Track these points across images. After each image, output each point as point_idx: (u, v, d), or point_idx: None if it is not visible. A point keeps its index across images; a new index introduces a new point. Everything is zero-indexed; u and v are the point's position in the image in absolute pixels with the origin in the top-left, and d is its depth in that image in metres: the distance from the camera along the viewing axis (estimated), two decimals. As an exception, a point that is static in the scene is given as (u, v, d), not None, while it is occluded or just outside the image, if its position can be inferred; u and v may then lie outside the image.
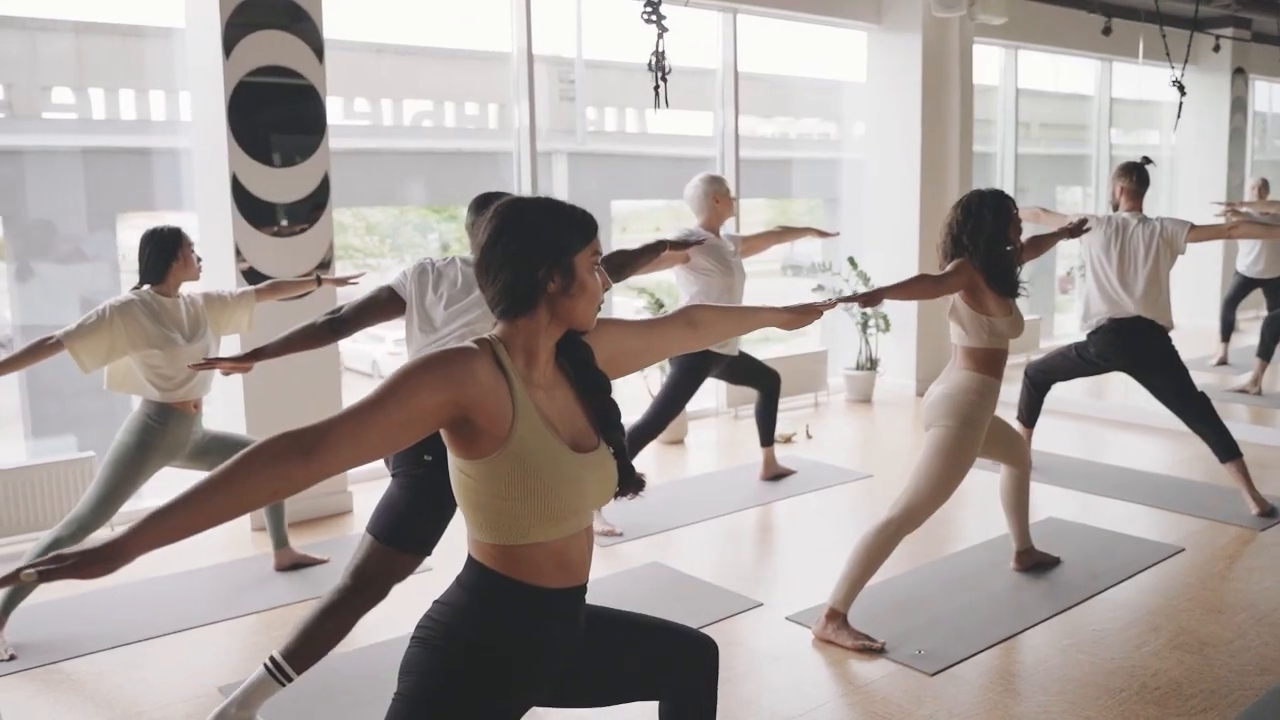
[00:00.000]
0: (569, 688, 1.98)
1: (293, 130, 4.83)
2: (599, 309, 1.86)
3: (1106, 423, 6.86)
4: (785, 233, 5.33)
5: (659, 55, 3.24)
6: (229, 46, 4.59)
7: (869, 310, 3.35)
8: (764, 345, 7.69)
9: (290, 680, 2.81)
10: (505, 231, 1.78)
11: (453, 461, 1.77)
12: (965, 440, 3.56)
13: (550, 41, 7.44)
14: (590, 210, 1.86)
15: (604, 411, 1.88)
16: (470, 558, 1.82)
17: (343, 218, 6.92)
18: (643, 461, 5.86)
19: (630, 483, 1.92)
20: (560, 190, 8.66)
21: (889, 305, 7.11)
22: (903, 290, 3.54)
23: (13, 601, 3.57)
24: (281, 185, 4.81)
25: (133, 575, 4.28)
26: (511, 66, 6.35)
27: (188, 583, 4.21)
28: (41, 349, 3.50)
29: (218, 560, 4.48)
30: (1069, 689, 3.20)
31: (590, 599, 1.95)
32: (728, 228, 5.39)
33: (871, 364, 7.36)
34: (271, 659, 2.81)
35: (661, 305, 6.47)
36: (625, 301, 7.47)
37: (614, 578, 4.18)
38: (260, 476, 1.54)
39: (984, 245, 3.56)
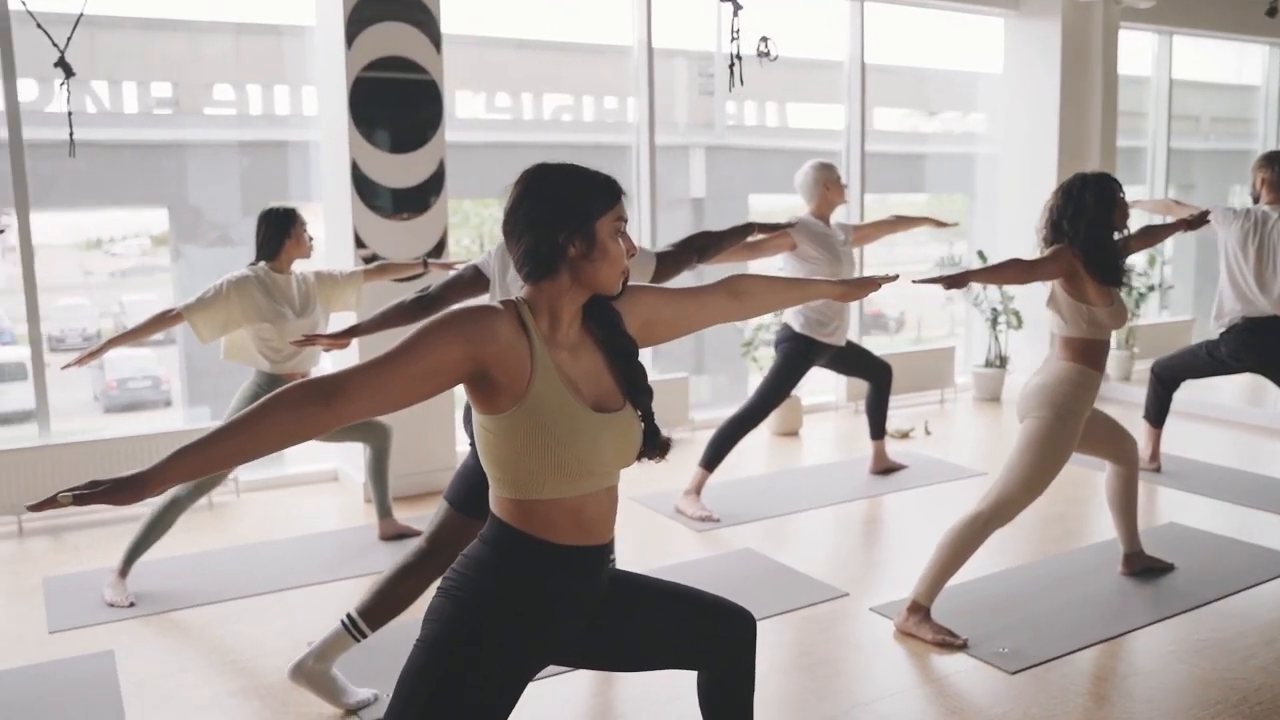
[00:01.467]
0: (594, 649, 2.00)
1: (410, 119, 5.02)
2: (624, 275, 1.88)
3: (1258, 430, 6.44)
4: (899, 222, 5.20)
5: (734, 34, 3.23)
6: (351, 39, 4.80)
7: (956, 291, 3.25)
8: (889, 341, 7.55)
9: (364, 637, 2.93)
10: (528, 196, 1.83)
11: (475, 418, 1.82)
12: (1060, 432, 3.42)
13: (689, 36, 7.49)
14: (729, 204, 1.87)
15: (630, 374, 1.90)
16: (491, 513, 1.87)
17: (497, 211, 7.14)
18: (752, 451, 5.86)
19: (654, 446, 1.94)
20: (697, 184, 8.70)
21: (1021, 302, 6.87)
22: (992, 274, 3.43)
23: (135, 554, 3.84)
24: (398, 172, 5.00)
25: (247, 538, 4.56)
26: (632, 60, 6.40)
27: (298, 547, 4.43)
28: (164, 319, 3.76)
29: (330, 528, 4.71)
30: (1159, 697, 3.05)
31: (685, 579, 1.97)
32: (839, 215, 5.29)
33: (1001, 362, 7.12)
34: (348, 616, 2.94)
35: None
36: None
37: (704, 561, 4.20)
38: (281, 418, 1.62)
39: (1084, 230, 3.42)
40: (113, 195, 7.20)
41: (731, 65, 3.26)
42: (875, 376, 5.23)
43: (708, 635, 2.08)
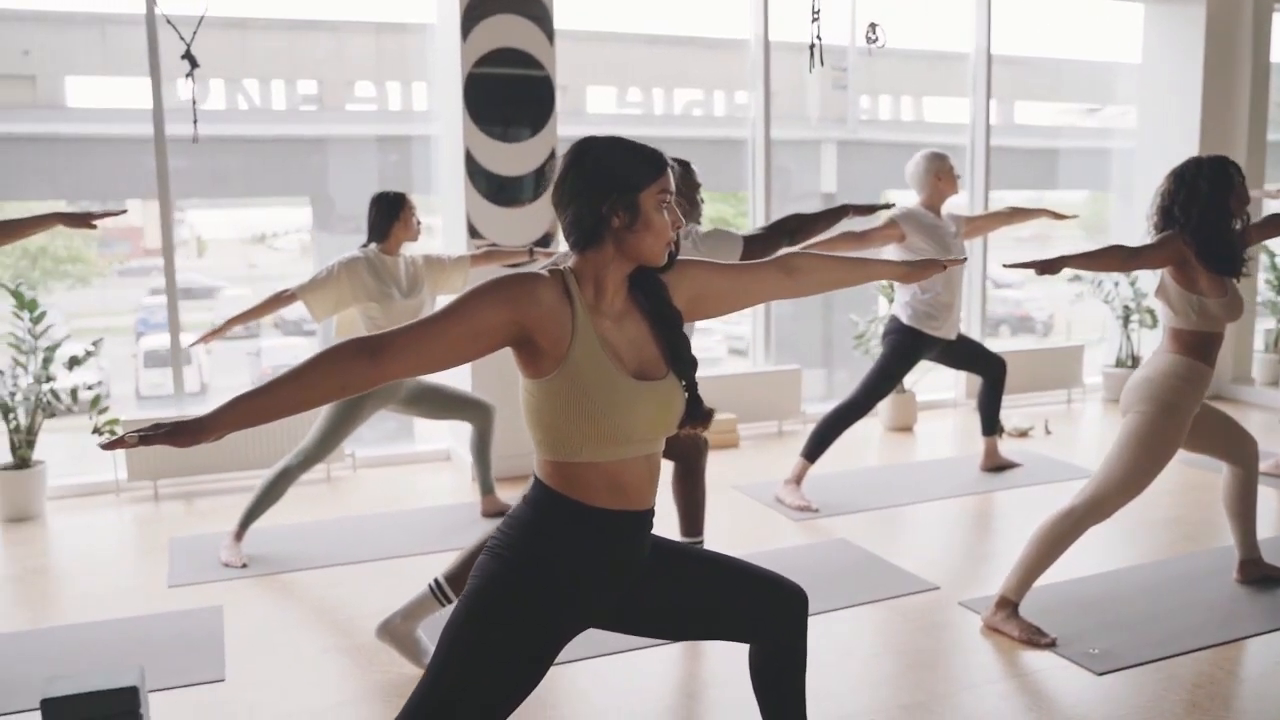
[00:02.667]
0: (637, 616, 2.03)
1: (523, 109, 5.14)
2: (669, 246, 1.91)
3: None
4: (1015, 214, 5.06)
5: (814, 14, 3.20)
6: (466, 33, 4.96)
7: (1049, 276, 3.12)
8: (1014, 339, 7.32)
9: (450, 601, 3.04)
10: (574, 168, 1.88)
11: (521, 382, 1.88)
12: (1163, 428, 3.28)
13: (824, 29, 7.40)
14: (860, 199, 1.89)
15: (673, 344, 1.93)
16: (535, 475, 1.93)
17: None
18: (863, 444, 5.79)
19: (697, 415, 1.96)
20: (828, 179, 8.63)
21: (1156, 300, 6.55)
22: (1091, 260, 3.31)
23: (249, 519, 4.06)
24: (509, 161, 5.14)
25: (358, 510, 4.76)
26: (750, 54, 6.40)
27: (405, 520, 4.61)
28: (279, 299, 3.97)
29: (438, 503, 4.88)
30: (1255, 707, 2.90)
31: (770, 566, 2.01)
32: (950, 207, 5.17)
33: (1134, 361, 6.83)
34: (436, 581, 3.06)
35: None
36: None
37: (795, 550, 4.18)
38: (330, 372, 1.71)
39: (1196, 217, 3.28)
40: (261, 188, 7.62)
41: (812, 47, 3.24)
42: (988, 371, 5.09)
43: (755, 608, 2.09)
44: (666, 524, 3.96)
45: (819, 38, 3.13)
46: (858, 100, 8.86)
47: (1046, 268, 3.17)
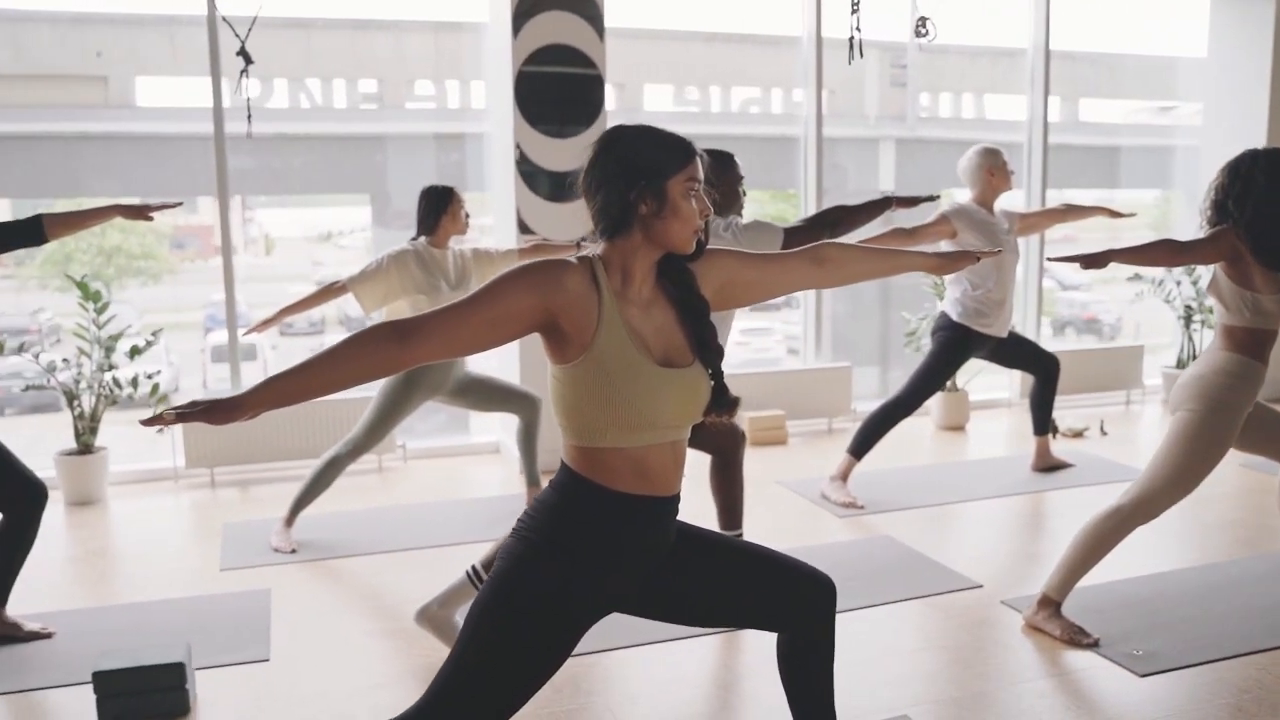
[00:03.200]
0: (661, 601, 2.05)
1: (573, 104, 5.18)
2: (696, 234, 1.92)
3: None
4: (1070, 211, 4.98)
5: (854, 6, 3.19)
6: (517, 29, 5.01)
7: (1094, 271, 3.05)
8: (1071, 339, 7.20)
9: (486, 588, 3.08)
10: (602, 156, 1.90)
11: (549, 369, 1.91)
12: (1213, 427, 3.21)
13: (881, 27, 7.38)
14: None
15: (700, 333, 1.95)
16: (562, 460, 1.95)
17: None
18: (913, 443, 5.74)
19: (722, 403, 1.97)
20: (887, 177, 8.57)
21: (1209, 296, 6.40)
22: (1138, 254, 3.25)
23: (299, 506, 4.15)
24: (561, 156, 5.18)
25: (407, 500, 4.83)
26: (802, 51, 6.37)
27: (453, 510, 4.68)
28: (331, 291, 4.05)
29: (485, 495, 4.94)
30: (1304, 710, 2.83)
31: (811, 561, 2.03)
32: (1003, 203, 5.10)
33: (1195, 364, 6.67)
34: (473, 568, 3.11)
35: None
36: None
37: (839, 545, 4.17)
38: (360, 354, 1.75)
39: (1251, 211, 3.20)
40: (323, 186, 7.77)
41: (851, 39, 3.22)
42: (1040, 370, 5.02)
43: (782, 597, 2.09)
44: (706, 517, 3.98)
45: (858, 29, 3.11)
46: (917, 98, 8.78)
47: (1092, 262, 3.13)
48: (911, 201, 3.77)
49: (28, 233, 3.15)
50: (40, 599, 3.62)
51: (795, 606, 2.11)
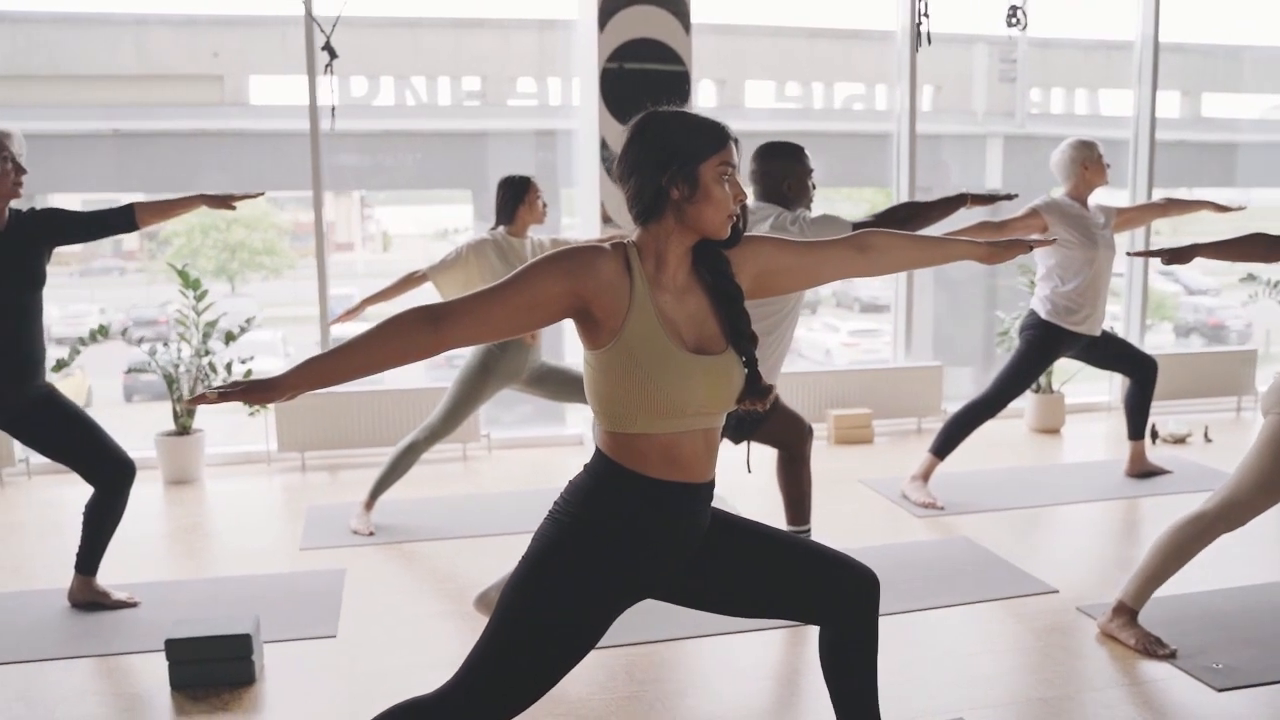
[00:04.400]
0: (698, 590, 2.04)
1: (658, 97, 5.17)
2: (731, 219, 1.90)
3: None
4: (1171, 205, 4.77)
5: (923, -9, 3.11)
6: (603, 24, 5.05)
7: (1173, 268, 2.90)
8: (1178, 340, 6.90)
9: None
10: (635, 140, 1.90)
11: (582, 354, 1.92)
12: (1305, 432, 3.04)
13: (989, 21, 7.22)
14: (1027, 196, 1.86)
15: (733, 320, 1.93)
16: (595, 446, 1.96)
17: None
18: (1004, 444, 5.60)
19: (755, 391, 1.95)
20: (993, 175, 8.36)
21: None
22: (1228, 249, 3.09)
23: (378, 490, 4.26)
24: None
25: (488, 488, 4.91)
26: (896, 46, 6.26)
27: (531, 499, 4.72)
28: (411, 280, 4.15)
29: (557, 485, 4.98)
30: (1394, 733, 2.66)
31: (883, 560, 2.00)
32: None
33: (1315, 370, 6.32)
34: (533, 554, 3.14)
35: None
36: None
37: (914, 545, 4.09)
38: (394, 337, 1.79)
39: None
40: (429, 181, 7.95)
41: (918, 25, 3.15)
42: (1136, 372, 4.82)
43: (823, 589, 2.06)
44: (774, 513, 3.96)
45: (926, 15, 3.04)
46: (1027, 93, 8.53)
47: (1175, 257, 3.00)
48: (987, 199, 3.66)
49: (120, 220, 3.31)
50: (131, 570, 3.79)
51: (835, 599, 2.07)
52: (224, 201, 3.40)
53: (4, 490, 4.93)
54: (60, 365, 4.71)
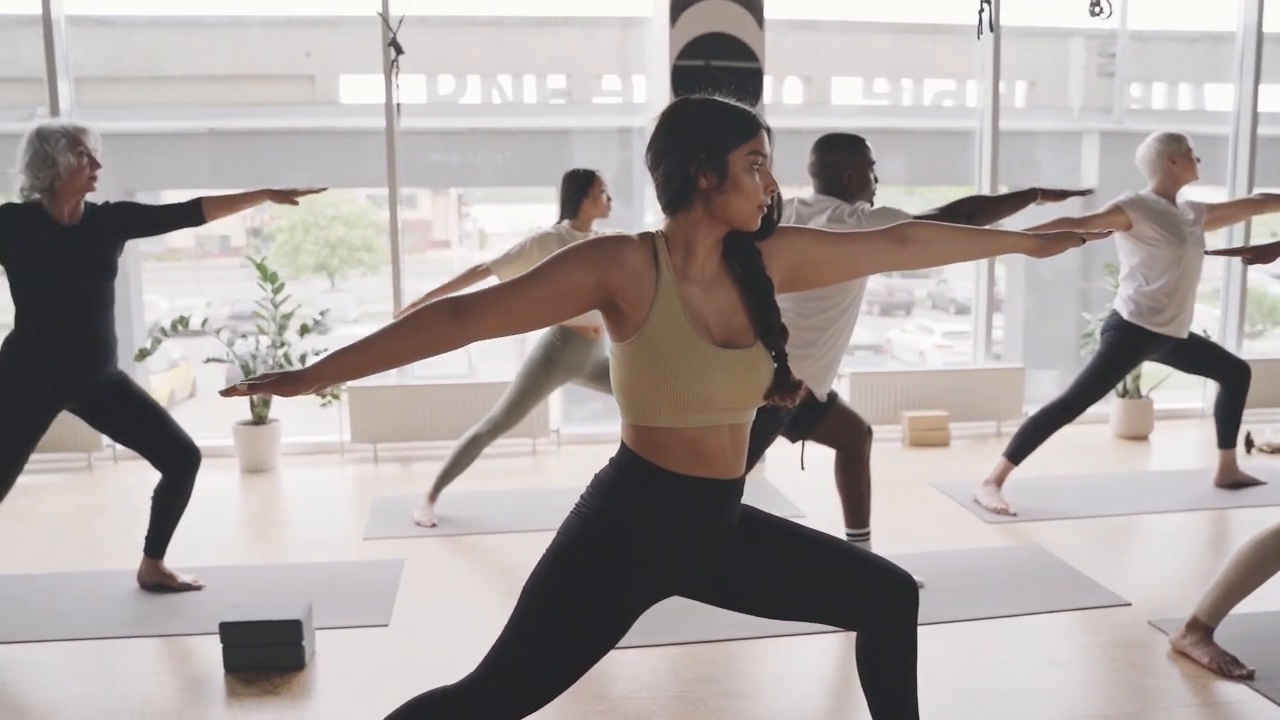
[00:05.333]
0: (727, 589, 1.99)
1: (730, 91, 5.12)
2: (761, 210, 1.86)
3: None
4: (1268, 201, 4.52)
5: (984, -23, 3.00)
6: (675, 17, 5.01)
7: (1258, 266, 2.74)
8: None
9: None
10: (664, 128, 1.87)
11: (609, 346, 1.90)
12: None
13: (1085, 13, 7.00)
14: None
15: (763, 313, 1.89)
16: (621, 440, 1.94)
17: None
18: (1088, 450, 5.41)
19: (784, 386, 1.90)
20: (1089, 173, 8.11)
21: None
22: None
23: (442, 483, 4.30)
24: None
25: (554, 483, 4.92)
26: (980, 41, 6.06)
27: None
28: (475, 274, 4.17)
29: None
30: None
31: (946, 565, 1.96)
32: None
33: None
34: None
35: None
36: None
37: (981, 551, 3.96)
38: (419, 330, 1.79)
39: None
40: (516, 179, 8.03)
41: (981, 10, 3.03)
42: (1227, 377, 4.60)
43: (854, 590, 2.00)
44: (834, 516, 3.88)
45: (987, 2, 2.93)
46: (1126, 88, 8.25)
47: (1259, 255, 2.87)
48: (1059, 195, 3.52)
49: (188, 214, 3.40)
50: (200, 554, 3.89)
51: (870, 602, 2.01)
52: (287, 196, 3.46)
53: (91, 474, 5.12)
54: (143, 355, 4.87)
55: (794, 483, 4.64)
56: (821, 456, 3.57)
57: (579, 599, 1.85)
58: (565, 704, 2.79)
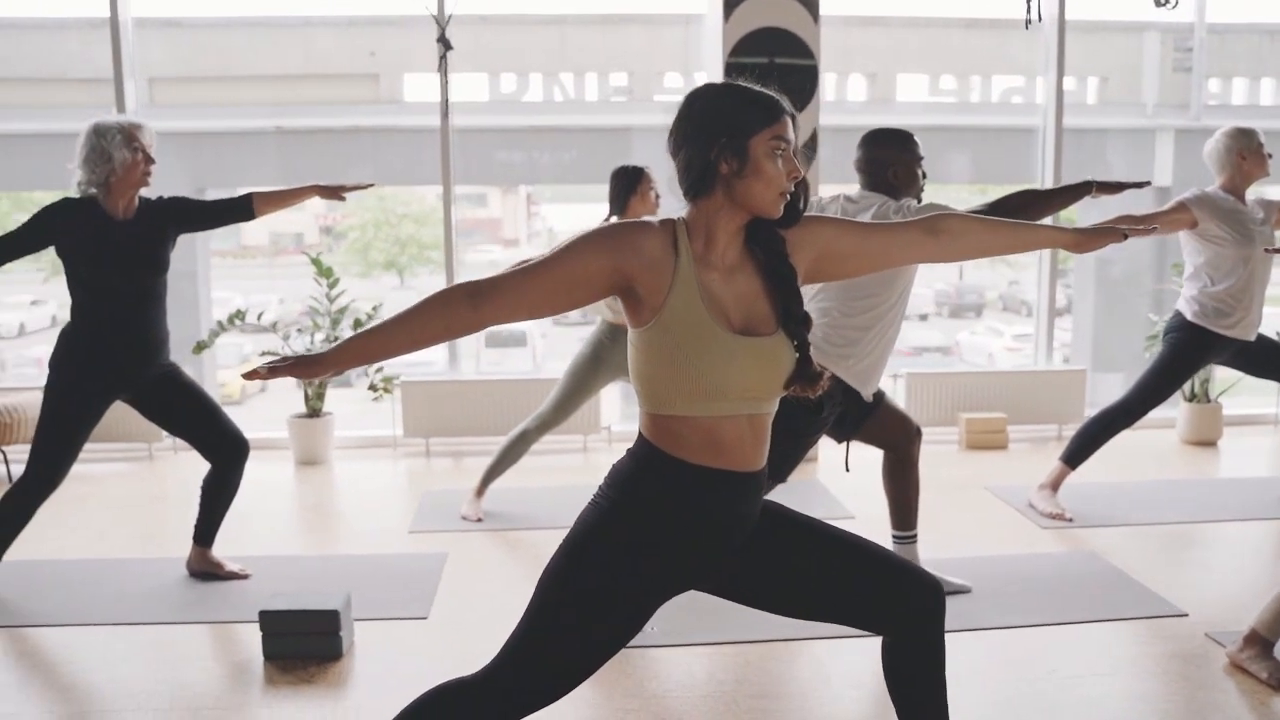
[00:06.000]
0: (747, 585, 1.96)
1: (785, 88, 5.05)
2: (782, 197, 1.83)
3: None
4: (1344, 200, 4.35)
5: (1032, -35, 2.91)
6: (728, 14, 4.98)
7: None
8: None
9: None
10: (686, 112, 1.85)
11: (628, 334, 1.88)
12: None
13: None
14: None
15: (785, 302, 1.85)
16: (639, 430, 1.92)
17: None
18: (1151, 455, 5.27)
19: (805, 376, 1.86)
20: (1163, 171, 7.89)
21: None
22: None
23: (489, 478, 4.32)
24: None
25: (599, 480, 4.89)
26: (1042, 35, 5.94)
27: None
28: (524, 269, 4.17)
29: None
30: None
31: (995, 570, 1.92)
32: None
33: None
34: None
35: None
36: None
37: (1030, 557, 3.86)
38: (434, 314, 1.78)
39: None
40: (581, 176, 8.05)
41: (1029, 2, 2.95)
42: (1300, 382, 4.43)
43: (879, 595, 1.95)
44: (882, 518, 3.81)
45: (1034, -9, 2.85)
46: (1204, 83, 8.00)
47: (1321, 252, 2.72)
48: (1116, 187, 3.39)
49: (239, 208, 3.46)
50: (250, 544, 3.96)
51: (893, 605, 1.96)
52: (334, 191, 3.50)
53: (152, 464, 5.25)
54: (200, 348, 4.97)
55: (844, 484, 4.58)
56: (871, 457, 3.51)
57: (594, 590, 1.84)
58: (598, 701, 2.79)
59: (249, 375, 1.83)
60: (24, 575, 3.61)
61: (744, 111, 1.80)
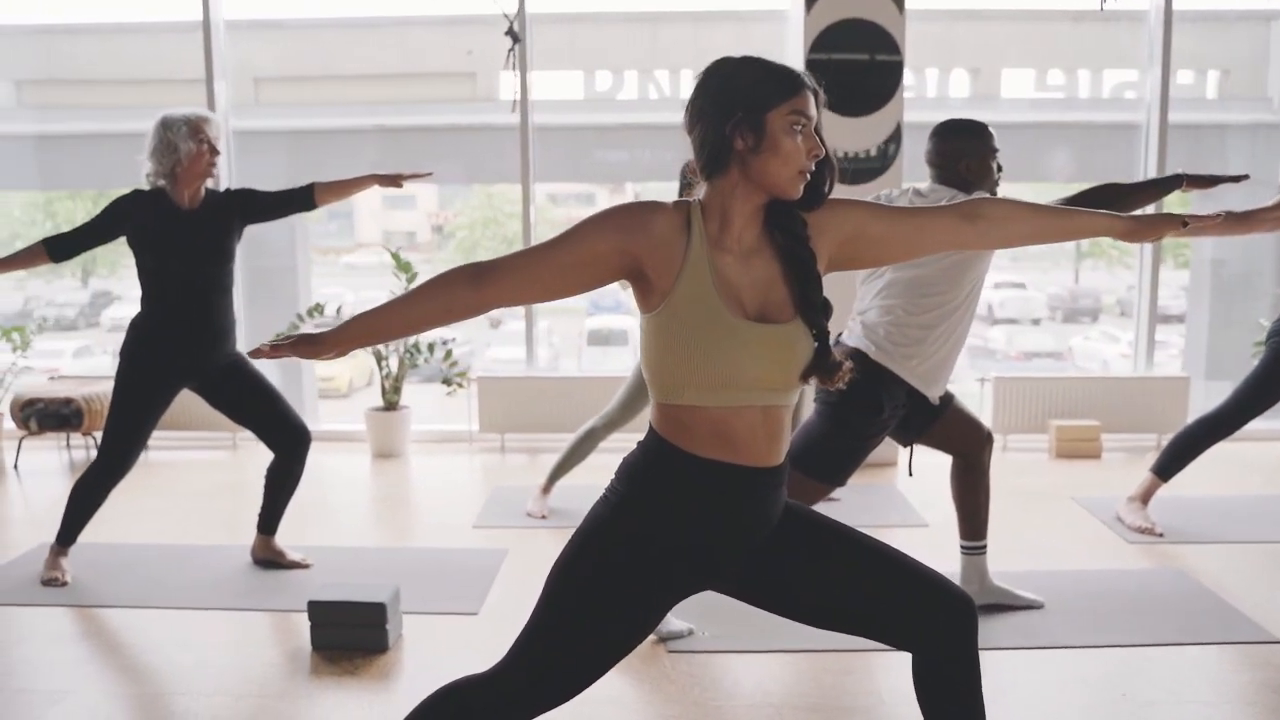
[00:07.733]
0: (765, 588, 1.86)
1: (867, 82, 4.92)
2: (802, 176, 1.73)
3: None
4: None
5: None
6: (810, 4, 4.85)
7: None
8: None
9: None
10: (702, 87, 1.76)
11: (640, 319, 1.81)
12: None
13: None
14: None
15: (803, 287, 1.76)
16: (649, 422, 1.84)
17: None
18: (1249, 466, 4.98)
19: (824, 366, 1.76)
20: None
21: None
22: None
23: (556, 474, 4.29)
24: (851, 134, 4.95)
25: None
26: (1147, 26, 5.66)
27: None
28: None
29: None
30: None
31: (1070, 585, 1.82)
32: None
33: None
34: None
35: None
36: None
37: (1113, 573, 3.65)
38: (437, 294, 1.74)
39: None
40: (671, 172, 7.99)
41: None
42: None
43: (904, 605, 1.83)
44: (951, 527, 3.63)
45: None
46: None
47: None
48: (1209, 181, 3.17)
49: (301, 199, 3.50)
50: (314, 534, 4.02)
51: (921, 620, 1.83)
52: (393, 180, 3.52)
53: (235, 453, 5.38)
54: (279, 339, 5.06)
55: (919, 489, 4.42)
56: (946, 462, 3.36)
57: (602, 586, 1.77)
58: (639, 706, 2.73)
59: (253, 353, 1.82)
60: (101, 558, 3.73)
61: (761, 84, 1.71)
